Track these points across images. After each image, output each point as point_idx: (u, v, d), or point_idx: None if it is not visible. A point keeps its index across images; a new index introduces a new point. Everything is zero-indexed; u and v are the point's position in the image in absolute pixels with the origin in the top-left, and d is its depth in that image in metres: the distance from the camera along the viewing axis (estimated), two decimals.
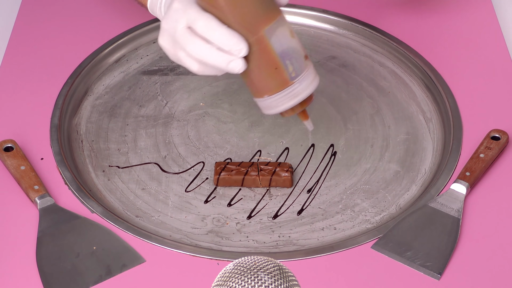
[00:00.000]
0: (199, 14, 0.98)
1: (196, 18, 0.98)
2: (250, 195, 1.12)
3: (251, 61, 0.99)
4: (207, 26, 0.98)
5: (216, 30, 0.97)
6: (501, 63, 1.29)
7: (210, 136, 1.20)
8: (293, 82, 1.00)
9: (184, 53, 1.01)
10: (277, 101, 1.01)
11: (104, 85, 1.28)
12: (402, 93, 1.27)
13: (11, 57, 1.29)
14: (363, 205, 1.11)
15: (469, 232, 1.05)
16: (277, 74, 1.00)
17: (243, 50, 0.97)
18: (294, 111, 1.04)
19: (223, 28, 0.97)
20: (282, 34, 0.99)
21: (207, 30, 0.98)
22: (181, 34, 1.00)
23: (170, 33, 1.01)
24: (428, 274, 1.00)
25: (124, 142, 1.19)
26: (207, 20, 0.98)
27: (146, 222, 1.09)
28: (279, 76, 1.00)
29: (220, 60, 0.98)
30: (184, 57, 1.01)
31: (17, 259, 1.01)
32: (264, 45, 0.98)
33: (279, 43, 0.99)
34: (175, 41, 1.01)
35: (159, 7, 1.08)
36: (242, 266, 0.80)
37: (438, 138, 1.20)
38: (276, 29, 0.99)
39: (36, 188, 1.08)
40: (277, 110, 1.02)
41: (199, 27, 0.98)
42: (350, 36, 1.36)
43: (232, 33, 0.97)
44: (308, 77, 1.02)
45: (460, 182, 1.09)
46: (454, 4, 1.41)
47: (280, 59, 0.99)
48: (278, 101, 1.01)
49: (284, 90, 1.00)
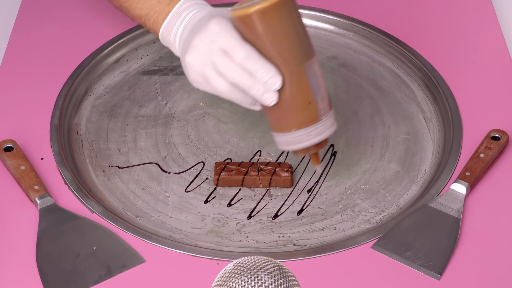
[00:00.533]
0: (239, 44, 0.99)
1: (236, 47, 0.99)
2: (250, 195, 1.12)
3: (285, 95, 1.00)
4: (247, 57, 0.99)
5: (256, 62, 0.99)
6: (501, 63, 1.29)
7: (210, 136, 1.21)
8: (321, 119, 1.02)
9: (215, 73, 1.01)
10: (302, 137, 1.02)
11: (104, 85, 1.28)
12: (402, 93, 1.27)
13: (11, 57, 1.29)
14: (363, 205, 1.11)
15: (469, 232, 1.05)
16: (309, 109, 1.01)
17: (278, 83, 0.99)
18: (309, 151, 1.05)
19: (262, 60, 0.99)
20: (317, 71, 1.01)
21: (246, 61, 0.99)
22: (219, 54, 1.00)
23: (203, 52, 1.01)
24: (428, 274, 1.00)
25: (124, 142, 1.19)
26: (248, 51, 0.99)
27: (146, 222, 1.09)
28: (310, 111, 1.01)
29: (255, 88, 1.00)
30: (214, 76, 1.02)
31: (17, 259, 1.01)
32: (302, 79, 1.00)
33: (314, 79, 1.01)
34: (207, 59, 1.01)
35: (175, 34, 1.07)
36: (242, 266, 0.80)
37: (438, 138, 1.20)
38: (312, 65, 1.01)
39: (36, 188, 1.08)
40: (299, 146, 1.03)
41: (239, 57, 0.99)
42: (350, 36, 1.36)
43: (271, 66, 0.99)
44: (332, 117, 1.04)
45: (460, 182, 1.09)
46: (454, 4, 1.41)
47: (313, 94, 1.01)
48: (303, 137, 1.02)
49: (311, 126, 1.02)
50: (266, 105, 1.01)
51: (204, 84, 1.04)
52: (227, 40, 1.00)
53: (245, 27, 0.99)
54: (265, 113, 1.04)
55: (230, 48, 1.00)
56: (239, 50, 0.99)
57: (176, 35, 1.07)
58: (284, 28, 0.98)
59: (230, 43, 0.99)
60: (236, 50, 0.99)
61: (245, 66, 0.99)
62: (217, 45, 1.00)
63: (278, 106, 1.01)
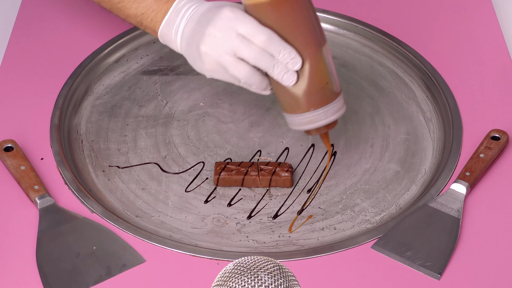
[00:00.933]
0: (260, 28, 1.02)
1: (257, 30, 1.02)
2: (250, 195, 1.12)
3: (305, 76, 1.04)
4: (269, 40, 1.02)
5: (279, 44, 1.02)
6: (501, 63, 1.29)
7: (210, 136, 1.21)
8: (336, 98, 1.07)
9: (233, 59, 1.03)
10: (320, 115, 1.07)
11: (104, 85, 1.28)
12: (402, 93, 1.27)
13: (11, 57, 1.29)
14: (363, 205, 1.11)
15: (469, 232, 1.05)
16: (326, 89, 1.06)
17: (299, 64, 1.03)
18: (321, 131, 1.09)
19: (283, 42, 1.03)
20: (330, 56, 1.06)
21: (268, 44, 1.02)
22: (239, 40, 1.02)
23: (220, 39, 1.03)
24: (428, 274, 1.00)
25: (124, 142, 1.19)
26: (270, 34, 1.02)
27: (146, 222, 1.09)
28: (327, 91, 1.06)
29: (278, 69, 1.03)
30: (233, 62, 1.04)
31: (17, 259, 1.01)
32: (320, 61, 1.04)
33: (329, 62, 1.06)
34: (225, 46, 1.03)
35: (176, 30, 1.08)
36: (242, 266, 0.80)
37: (438, 138, 1.20)
38: (327, 49, 1.06)
39: (36, 188, 1.08)
40: (317, 124, 1.07)
41: (261, 40, 1.02)
42: (350, 36, 1.36)
43: (292, 48, 1.03)
44: (342, 99, 1.09)
45: (460, 182, 1.09)
46: (454, 4, 1.41)
47: (329, 75, 1.05)
48: (321, 115, 1.07)
49: (328, 105, 1.06)
50: (287, 85, 1.04)
51: (221, 73, 1.06)
52: (246, 25, 1.02)
53: (264, 13, 1.02)
54: (278, 95, 1.08)
55: (251, 33, 1.02)
56: (261, 33, 1.02)
57: (177, 31, 1.07)
58: (301, 12, 1.03)
59: (250, 27, 1.02)
60: (258, 34, 1.02)
61: (266, 49, 1.02)
62: (236, 30, 1.02)
63: (297, 86, 1.05)
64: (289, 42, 1.03)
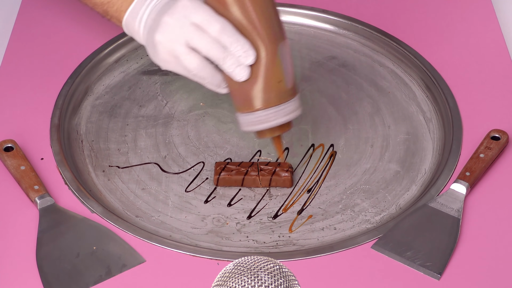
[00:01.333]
0: (214, 17, 1.00)
1: (211, 20, 1.00)
2: (250, 195, 1.12)
3: (257, 72, 1.02)
4: (222, 30, 1.00)
5: (232, 35, 1.00)
6: (501, 63, 1.29)
7: (210, 136, 1.20)
8: (290, 98, 1.04)
9: (185, 49, 1.02)
10: (270, 115, 1.04)
11: (104, 85, 1.28)
12: (402, 93, 1.27)
13: (11, 57, 1.29)
14: (363, 205, 1.11)
15: (469, 232, 1.05)
16: (279, 87, 1.03)
17: (251, 58, 1.00)
18: (273, 133, 1.06)
19: (238, 34, 1.00)
20: (287, 54, 1.03)
21: (221, 34, 1.00)
22: (193, 29, 1.01)
23: (174, 28, 1.02)
24: (428, 274, 1.00)
25: (124, 142, 1.19)
26: (224, 24, 1.00)
27: (146, 222, 1.09)
28: (280, 90, 1.03)
29: (229, 62, 1.01)
30: (185, 53, 1.02)
31: (17, 259, 1.01)
32: (275, 58, 1.02)
33: (285, 60, 1.03)
34: (179, 36, 1.01)
35: (139, 20, 1.06)
36: (242, 266, 0.80)
37: (438, 138, 1.20)
38: (284, 47, 1.03)
39: (36, 188, 1.08)
40: (266, 125, 1.04)
41: (214, 30, 1.00)
42: (350, 36, 1.36)
43: (245, 40, 1.00)
44: (298, 101, 1.06)
45: (460, 182, 1.09)
46: (454, 4, 1.41)
47: (284, 73, 1.02)
48: (271, 115, 1.04)
49: (280, 105, 1.03)
50: (238, 80, 1.02)
51: (174, 63, 1.04)
52: (201, 14, 1.00)
53: (221, 3, 1.01)
54: (232, 92, 1.05)
55: (205, 22, 1.00)
56: (215, 23, 1.00)
57: (141, 21, 1.06)
58: (259, 6, 1.00)
59: (205, 17, 1.00)
60: (212, 23, 1.00)
61: (219, 40, 1.00)
62: (191, 19, 1.01)
63: (249, 82, 1.02)
64: (244, 35, 1.01)
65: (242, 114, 1.05)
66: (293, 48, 1.34)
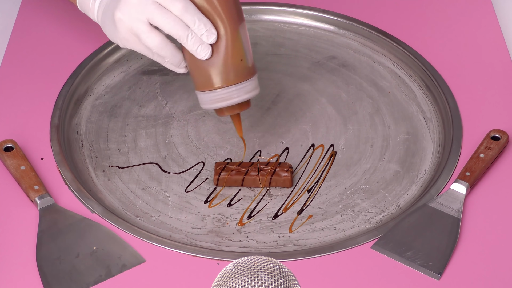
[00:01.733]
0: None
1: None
2: (250, 195, 1.12)
3: (219, 50, 1.04)
4: (185, 9, 1.01)
5: (194, 14, 1.02)
6: (501, 63, 1.29)
7: (210, 136, 1.21)
8: (251, 77, 1.07)
9: (146, 27, 1.03)
10: (232, 93, 1.06)
11: (104, 85, 1.28)
12: (402, 93, 1.27)
13: (11, 57, 1.29)
14: (363, 205, 1.11)
15: (469, 232, 1.05)
16: (241, 65, 1.05)
17: (214, 36, 1.03)
18: (232, 110, 1.08)
19: (200, 13, 1.02)
20: (247, 35, 1.07)
21: (184, 13, 1.01)
22: (155, 6, 1.02)
23: (136, 6, 1.02)
24: (428, 274, 1.00)
25: (124, 142, 1.19)
26: (186, 3, 1.02)
27: (146, 222, 1.09)
28: (241, 68, 1.06)
29: (192, 40, 1.03)
30: (146, 31, 1.03)
31: (17, 259, 1.01)
32: (237, 37, 1.04)
33: (245, 40, 1.06)
34: (140, 14, 1.02)
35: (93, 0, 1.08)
36: (242, 266, 0.80)
37: (438, 138, 1.20)
38: (244, 28, 1.06)
39: (36, 188, 1.08)
40: (228, 102, 1.06)
41: (177, 8, 1.01)
42: (350, 36, 1.36)
43: (207, 20, 1.03)
44: (256, 80, 1.08)
45: (460, 182, 1.09)
46: (454, 4, 1.41)
47: (245, 52, 1.05)
48: (233, 93, 1.06)
49: (242, 83, 1.06)
50: (200, 58, 1.04)
51: (134, 42, 1.05)
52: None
53: None
54: (192, 71, 1.07)
55: (167, 1, 1.02)
56: (177, 2, 1.01)
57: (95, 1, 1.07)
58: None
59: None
60: (174, 2, 1.01)
61: (182, 18, 1.02)
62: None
63: (210, 61, 1.05)
64: (206, 14, 1.03)
65: (202, 92, 1.08)
66: (293, 48, 1.35)
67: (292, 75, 1.30)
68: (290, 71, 1.31)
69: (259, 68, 1.31)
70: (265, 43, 1.36)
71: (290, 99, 1.26)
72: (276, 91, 1.28)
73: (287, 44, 1.35)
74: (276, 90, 1.28)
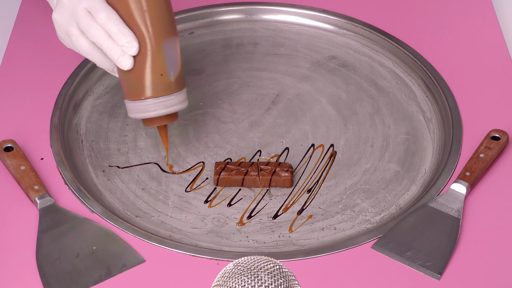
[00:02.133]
0: (102, 5, 1.05)
1: (99, 7, 1.05)
2: (250, 195, 1.12)
3: (141, 63, 1.06)
4: (108, 19, 1.04)
5: (116, 25, 1.04)
6: (501, 63, 1.29)
7: (210, 136, 1.21)
8: (171, 92, 1.08)
9: (77, 32, 1.06)
10: (150, 106, 1.08)
11: (104, 85, 1.28)
12: (402, 93, 1.27)
13: (11, 57, 1.29)
14: (363, 205, 1.11)
15: (469, 232, 1.05)
16: (161, 80, 1.07)
17: (134, 49, 1.06)
18: (153, 122, 1.11)
19: (122, 24, 1.05)
20: (175, 50, 1.09)
21: (106, 22, 1.04)
22: (82, 14, 1.05)
23: (68, 10, 1.06)
24: (428, 274, 1.00)
25: (124, 142, 1.19)
26: (110, 13, 1.04)
27: (146, 222, 1.09)
28: (161, 83, 1.07)
29: (113, 50, 1.05)
30: (76, 35, 1.07)
31: (17, 259, 1.01)
32: (159, 52, 1.06)
33: (170, 56, 1.07)
34: (71, 17, 1.06)
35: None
36: (242, 266, 0.80)
37: (438, 138, 1.20)
38: (172, 43, 1.08)
39: (36, 188, 1.08)
40: (145, 115, 1.09)
41: (100, 17, 1.05)
42: (350, 36, 1.36)
43: (129, 31, 1.05)
44: (183, 94, 1.10)
45: (460, 182, 1.09)
46: (454, 4, 1.41)
47: (167, 68, 1.07)
48: (151, 106, 1.08)
49: (160, 98, 1.08)
50: (122, 68, 1.07)
51: (69, 42, 1.09)
52: (90, 1, 1.05)
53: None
54: (120, 79, 1.10)
55: (93, 9, 1.05)
56: (101, 11, 1.04)
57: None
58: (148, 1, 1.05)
59: (93, 3, 1.05)
60: (98, 10, 1.04)
61: (104, 28, 1.04)
62: (82, 4, 1.05)
63: (133, 72, 1.07)
64: (130, 26, 1.05)
65: (127, 101, 1.10)
66: (293, 48, 1.35)
67: (292, 75, 1.30)
68: (290, 71, 1.31)
69: (259, 68, 1.31)
70: (265, 43, 1.36)
71: (290, 99, 1.26)
72: (276, 91, 1.28)
73: (287, 44, 1.35)
74: (276, 90, 1.28)
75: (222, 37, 1.37)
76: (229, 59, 1.33)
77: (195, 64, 1.32)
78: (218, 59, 1.33)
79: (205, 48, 1.35)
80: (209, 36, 1.37)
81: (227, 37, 1.37)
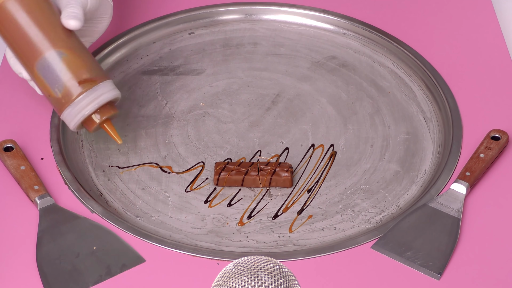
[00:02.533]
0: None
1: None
2: (250, 195, 1.12)
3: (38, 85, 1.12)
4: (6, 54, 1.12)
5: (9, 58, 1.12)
6: (501, 63, 1.29)
7: (210, 136, 1.21)
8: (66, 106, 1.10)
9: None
10: (66, 119, 1.11)
11: None
12: (402, 93, 1.27)
13: None
14: (363, 205, 1.11)
15: (469, 232, 1.05)
16: (53, 100, 1.11)
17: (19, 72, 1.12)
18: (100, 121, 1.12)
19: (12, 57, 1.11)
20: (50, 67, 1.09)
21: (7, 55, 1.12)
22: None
23: None
24: (428, 274, 1.00)
25: (124, 142, 1.19)
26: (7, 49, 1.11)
27: (146, 222, 1.09)
28: (56, 101, 1.10)
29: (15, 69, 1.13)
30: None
31: (17, 259, 1.01)
32: (37, 77, 1.10)
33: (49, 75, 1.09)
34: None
35: None
36: (242, 266, 0.80)
37: (438, 138, 1.20)
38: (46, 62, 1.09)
39: (36, 188, 1.08)
40: (70, 126, 1.12)
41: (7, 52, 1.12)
42: (350, 36, 1.36)
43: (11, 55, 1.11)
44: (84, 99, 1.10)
45: (460, 182, 1.09)
46: (454, 4, 1.41)
47: (51, 88, 1.10)
48: (67, 119, 1.11)
49: (63, 112, 1.11)
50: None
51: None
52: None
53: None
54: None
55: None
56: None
57: None
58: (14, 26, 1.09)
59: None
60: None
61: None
62: None
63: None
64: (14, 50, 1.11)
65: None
66: (293, 48, 1.35)
67: (292, 75, 1.30)
68: (290, 71, 1.31)
69: (259, 68, 1.31)
70: (265, 43, 1.36)
71: (290, 99, 1.26)
72: (276, 91, 1.28)
73: (287, 44, 1.35)
74: (276, 90, 1.28)
75: (222, 37, 1.37)
76: (229, 59, 1.33)
77: (195, 64, 1.32)
78: (218, 59, 1.33)
79: (205, 48, 1.35)
80: (209, 36, 1.37)
81: (227, 37, 1.37)
